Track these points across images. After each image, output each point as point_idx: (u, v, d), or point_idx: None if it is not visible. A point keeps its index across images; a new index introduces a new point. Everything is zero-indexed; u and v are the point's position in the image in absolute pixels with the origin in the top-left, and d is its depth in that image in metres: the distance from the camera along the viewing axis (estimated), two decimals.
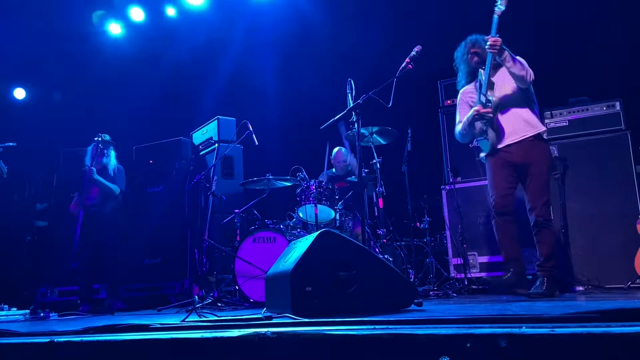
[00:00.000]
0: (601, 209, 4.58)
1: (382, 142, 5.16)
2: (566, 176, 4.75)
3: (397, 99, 3.69)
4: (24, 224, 6.90)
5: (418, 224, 5.72)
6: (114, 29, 7.82)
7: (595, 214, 4.60)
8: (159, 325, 2.25)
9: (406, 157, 5.33)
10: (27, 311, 4.93)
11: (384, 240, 5.13)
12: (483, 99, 3.72)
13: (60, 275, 6.33)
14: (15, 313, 5.09)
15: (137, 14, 7.68)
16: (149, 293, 6.02)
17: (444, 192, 5.43)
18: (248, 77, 7.72)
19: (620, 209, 4.49)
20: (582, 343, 1.37)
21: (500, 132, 3.71)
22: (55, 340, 2.04)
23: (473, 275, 5.05)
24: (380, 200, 5.09)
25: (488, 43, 3.61)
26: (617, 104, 4.71)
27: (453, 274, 5.22)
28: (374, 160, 5.11)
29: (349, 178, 5.67)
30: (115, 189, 5.56)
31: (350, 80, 4.03)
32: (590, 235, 4.59)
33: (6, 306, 5.19)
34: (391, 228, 5.39)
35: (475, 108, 3.76)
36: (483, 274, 5.03)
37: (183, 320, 2.59)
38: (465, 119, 3.89)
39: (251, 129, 5.22)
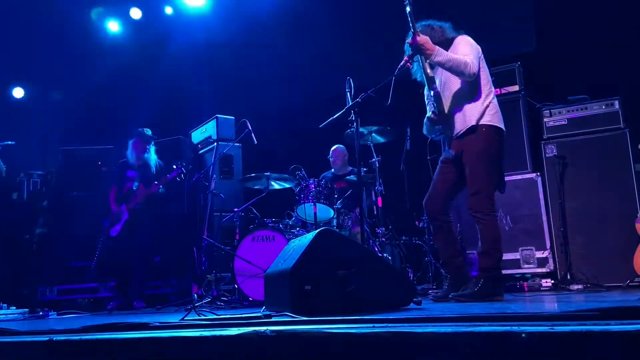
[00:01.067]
0: (600, 207, 4.58)
1: (381, 140, 5.17)
2: (565, 175, 4.75)
3: (396, 97, 3.68)
4: (22, 222, 6.89)
5: (417, 222, 5.71)
6: (113, 27, 7.82)
7: (594, 212, 4.59)
8: (158, 324, 2.25)
9: (405, 155, 5.34)
10: (26, 310, 4.93)
11: (383, 239, 5.13)
12: (427, 92, 3.61)
13: (61, 273, 6.31)
14: (14, 312, 5.08)
15: (135, 13, 7.69)
16: (148, 291, 6.02)
17: None
18: (247, 75, 7.72)
19: (619, 207, 4.49)
20: (581, 341, 1.37)
21: (448, 128, 3.60)
22: (55, 338, 2.03)
23: (472, 273, 5.05)
24: (379, 199, 5.10)
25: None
26: (616, 102, 4.71)
27: None
28: (373, 159, 5.11)
29: (348, 177, 5.67)
30: (162, 190, 5.59)
31: (349, 79, 4.03)
32: (589, 233, 4.59)
33: (5, 305, 5.18)
34: (390, 227, 5.39)
35: (428, 115, 3.64)
36: None
37: (182, 319, 2.59)
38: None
39: (250, 128, 5.21)
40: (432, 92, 3.55)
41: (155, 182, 5.44)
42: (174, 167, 5.48)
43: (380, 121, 5.07)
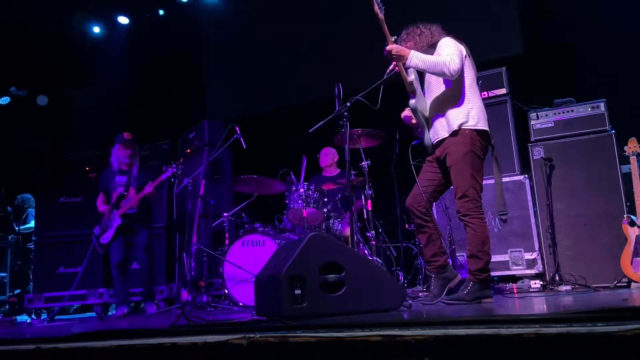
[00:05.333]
0: (587, 209, 4.61)
1: (370, 143, 5.18)
2: (552, 177, 4.79)
3: (385, 101, 3.69)
4: (7, 228, 6.83)
5: (407, 225, 5.72)
6: (97, 30, 7.82)
7: (582, 214, 4.63)
8: (147, 331, 2.24)
9: (395, 159, 5.35)
10: (14, 317, 4.88)
11: (373, 242, 5.14)
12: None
13: (49, 280, 6.24)
14: (1, 319, 5.03)
15: (121, 18, 7.69)
16: (137, 298, 5.97)
17: None
18: (237, 79, 7.71)
19: (607, 208, 4.52)
20: (567, 342, 1.38)
21: (429, 133, 3.63)
22: (42, 347, 2.01)
23: (462, 276, 5.07)
24: (369, 203, 5.11)
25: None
26: (602, 104, 4.75)
27: None
28: (363, 163, 5.12)
29: (337, 180, 5.68)
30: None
31: (338, 84, 4.03)
32: (576, 235, 4.63)
33: None
34: (380, 230, 5.40)
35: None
36: None
37: (172, 325, 2.57)
38: None
39: (239, 132, 5.20)
40: (410, 102, 3.55)
41: (150, 182, 5.28)
42: (167, 167, 5.32)
43: (370, 125, 5.08)
